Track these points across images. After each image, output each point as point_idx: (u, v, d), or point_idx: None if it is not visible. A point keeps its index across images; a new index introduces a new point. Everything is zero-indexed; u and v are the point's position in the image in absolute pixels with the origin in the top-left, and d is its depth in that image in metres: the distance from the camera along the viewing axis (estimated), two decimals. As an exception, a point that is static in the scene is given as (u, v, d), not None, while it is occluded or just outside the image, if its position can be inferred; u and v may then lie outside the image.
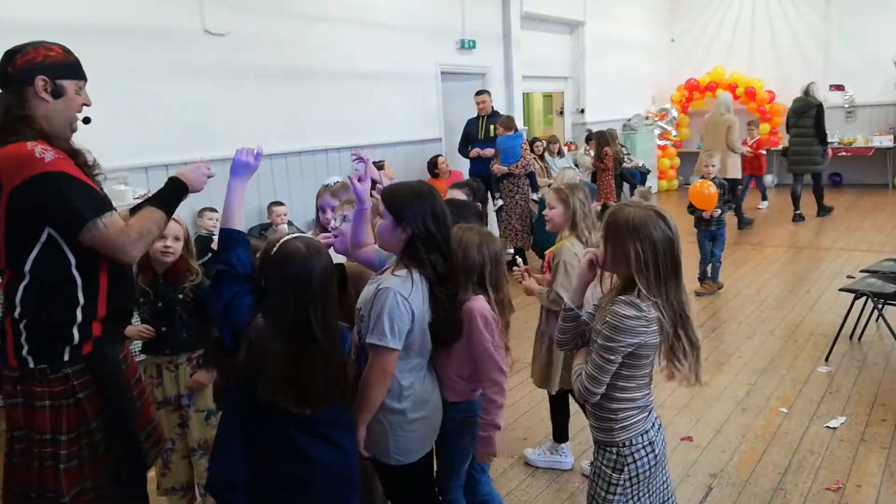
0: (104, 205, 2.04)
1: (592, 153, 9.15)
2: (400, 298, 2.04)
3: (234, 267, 1.98)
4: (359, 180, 2.30)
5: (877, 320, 4.72)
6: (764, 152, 9.67)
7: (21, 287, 2.01)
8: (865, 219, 9.24)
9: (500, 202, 7.48)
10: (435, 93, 8.22)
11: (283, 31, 6.32)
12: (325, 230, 2.81)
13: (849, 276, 5.77)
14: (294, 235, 1.98)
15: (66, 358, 2.05)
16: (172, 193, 2.21)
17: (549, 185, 7.06)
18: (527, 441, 3.61)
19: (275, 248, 1.91)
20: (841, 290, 4.81)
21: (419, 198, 2.13)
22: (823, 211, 9.65)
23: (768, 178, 12.43)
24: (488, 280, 2.34)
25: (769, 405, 3.92)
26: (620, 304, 1.86)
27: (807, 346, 4.78)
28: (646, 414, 2.00)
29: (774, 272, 6.80)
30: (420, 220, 2.10)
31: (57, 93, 2.05)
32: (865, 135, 11.44)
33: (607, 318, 1.87)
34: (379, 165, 6.69)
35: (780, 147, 11.19)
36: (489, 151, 7.56)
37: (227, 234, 2.04)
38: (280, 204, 5.81)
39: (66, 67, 2.09)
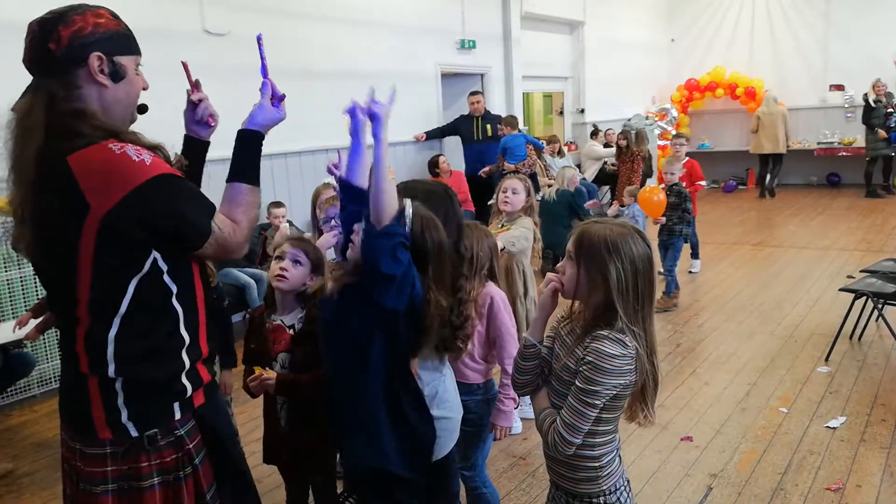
0: (210, 204, 1.60)
1: (614, 150, 9.15)
2: None
3: (407, 238, 1.75)
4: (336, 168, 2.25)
5: (877, 320, 4.72)
6: (703, 184, 7.74)
7: (111, 338, 1.52)
8: (865, 219, 9.24)
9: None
10: (435, 93, 8.23)
11: (283, 31, 6.32)
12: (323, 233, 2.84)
13: (849, 276, 5.77)
14: (416, 204, 1.94)
15: (178, 416, 1.59)
16: (253, 154, 1.72)
17: (549, 185, 7.07)
18: (527, 441, 3.61)
19: (419, 214, 1.86)
20: (841, 290, 4.81)
21: (441, 192, 2.23)
22: (871, 194, 10.85)
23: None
24: (496, 269, 2.54)
25: (769, 405, 3.92)
26: (604, 340, 1.63)
27: (807, 346, 4.77)
28: (619, 453, 1.82)
29: (774, 272, 6.80)
30: (443, 215, 2.16)
31: (116, 74, 1.55)
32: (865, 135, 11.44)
33: (589, 358, 1.64)
34: (379, 165, 6.72)
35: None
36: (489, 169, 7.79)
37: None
38: (280, 205, 5.80)
39: (121, 39, 1.57)
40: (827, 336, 4.79)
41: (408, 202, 1.84)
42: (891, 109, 10.50)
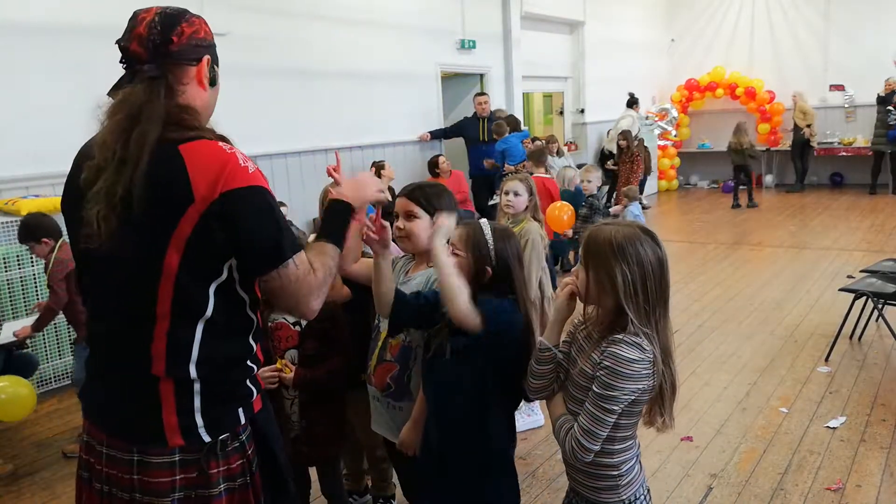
0: (297, 240, 1.55)
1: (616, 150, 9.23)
2: None
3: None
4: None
5: (877, 320, 4.72)
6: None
7: (197, 339, 1.48)
8: (865, 219, 9.24)
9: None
10: (435, 93, 8.23)
11: (283, 31, 6.33)
12: None
13: (849, 276, 5.77)
14: (481, 220, 2.02)
15: (243, 421, 1.58)
16: (339, 220, 1.70)
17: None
18: (526, 441, 3.61)
19: (491, 230, 1.94)
20: (841, 290, 4.81)
21: (447, 193, 2.26)
22: None
23: (768, 178, 12.45)
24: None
25: (769, 405, 3.92)
26: (621, 344, 1.61)
27: (807, 346, 4.77)
28: (639, 463, 1.79)
29: (774, 272, 6.80)
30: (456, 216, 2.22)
31: (214, 80, 1.61)
32: (865, 135, 11.44)
33: (606, 363, 1.62)
34: (379, 165, 6.74)
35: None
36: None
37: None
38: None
39: (216, 51, 1.62)
40: (827, 336, 4.79)
41: (485, 223, 1.95)
42: (891, 107, 10.53)
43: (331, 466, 2.76)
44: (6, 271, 4.37)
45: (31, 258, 4.30)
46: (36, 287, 4.45)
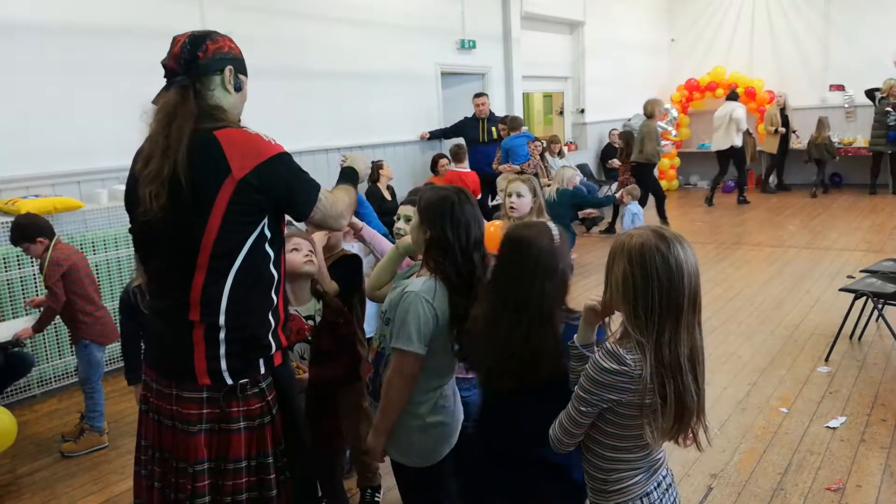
0: (317, 183, 1.98)
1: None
2: (423, 302, 2.02)
3: None
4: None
5: (877, 320, 4.72)
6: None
7: (226, 290, 1.80)
8: (865, 219, 9.24)
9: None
10: (435, 93, 8.24)
11: (283, 30, 6.32)
12: None
13: (849, 276, 5.76)
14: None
15: (262, 371, 1.88)
16: (351, 177, 2.23)
17: (548, 185, 7.07)
18: (527, 441, 3.61)
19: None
20: (841, 290, 4.81)
21: (444, 201, 2.10)
22: None
23: (771, 178, 12.44)
24: None
25: (769, 405, 3.92)
26: (602, 353, 1.59)
27: (807, 346, 4.77)
28: (647, 474, 1.74)
29: (774, 272, 6.80)
30: (439, 224, 2.07)
31: (238, 86, 1.97)
32: (865, 135, 11.43)
33: (587, 366, 1.64)
34: (377, 165, 6.74)
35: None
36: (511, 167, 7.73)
37: None
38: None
39: (243, 63, 2.01)
40: (827, 336, 4.79)
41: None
42: (889, 108, 10.52)
43: (331, 463, 2.77)
44: (6, 271, 4.36)
45: (31, 258, 4.29)
46: (35, 287, 4.44)
